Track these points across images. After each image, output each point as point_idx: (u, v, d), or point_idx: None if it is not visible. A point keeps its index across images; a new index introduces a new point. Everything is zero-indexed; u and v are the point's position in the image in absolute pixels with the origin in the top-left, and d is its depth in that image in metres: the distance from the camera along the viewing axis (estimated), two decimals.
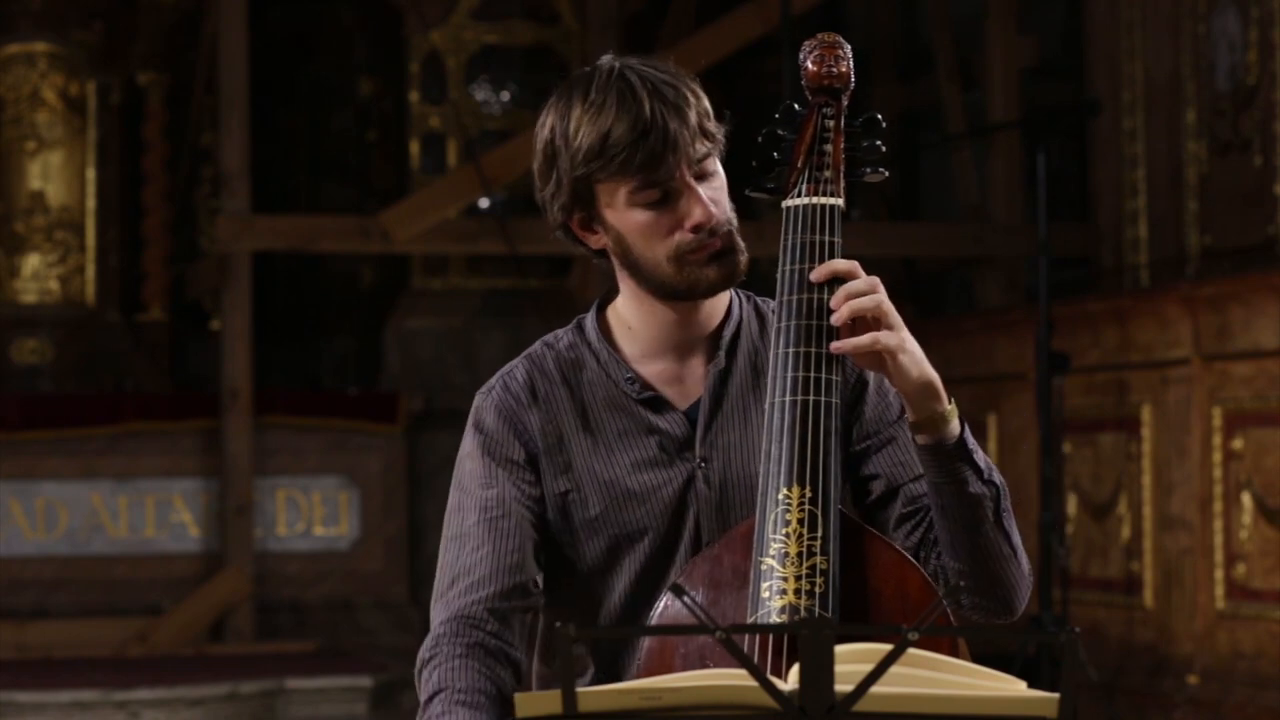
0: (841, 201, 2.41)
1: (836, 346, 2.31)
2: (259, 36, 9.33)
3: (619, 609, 2.46)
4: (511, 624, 2.41)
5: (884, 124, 2.47)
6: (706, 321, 2.49)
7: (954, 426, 2.34)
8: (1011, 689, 1.86)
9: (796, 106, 2.47)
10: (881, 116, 2.47)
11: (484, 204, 9.41)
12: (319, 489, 9.01)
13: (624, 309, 2.51)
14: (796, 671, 1.84)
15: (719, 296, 2.48)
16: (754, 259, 2.46)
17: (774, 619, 2.21)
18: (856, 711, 1.81)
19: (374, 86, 10.80)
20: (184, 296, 10.38)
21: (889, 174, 2.49)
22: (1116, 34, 8.09)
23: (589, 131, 2.37)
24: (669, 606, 2.31)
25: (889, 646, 1.82)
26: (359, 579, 9.01)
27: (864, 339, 2.29)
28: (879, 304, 2.29)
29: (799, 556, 2.24)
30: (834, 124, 2.44)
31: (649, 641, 2.29)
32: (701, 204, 2.39)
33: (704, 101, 2.41)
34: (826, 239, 2.37)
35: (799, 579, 2.23)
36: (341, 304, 10.94)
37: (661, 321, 2.48)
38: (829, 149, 2.42)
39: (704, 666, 2.21)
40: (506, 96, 10.08)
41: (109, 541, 8.74)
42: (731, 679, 1.85)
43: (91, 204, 10.12)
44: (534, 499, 2.46)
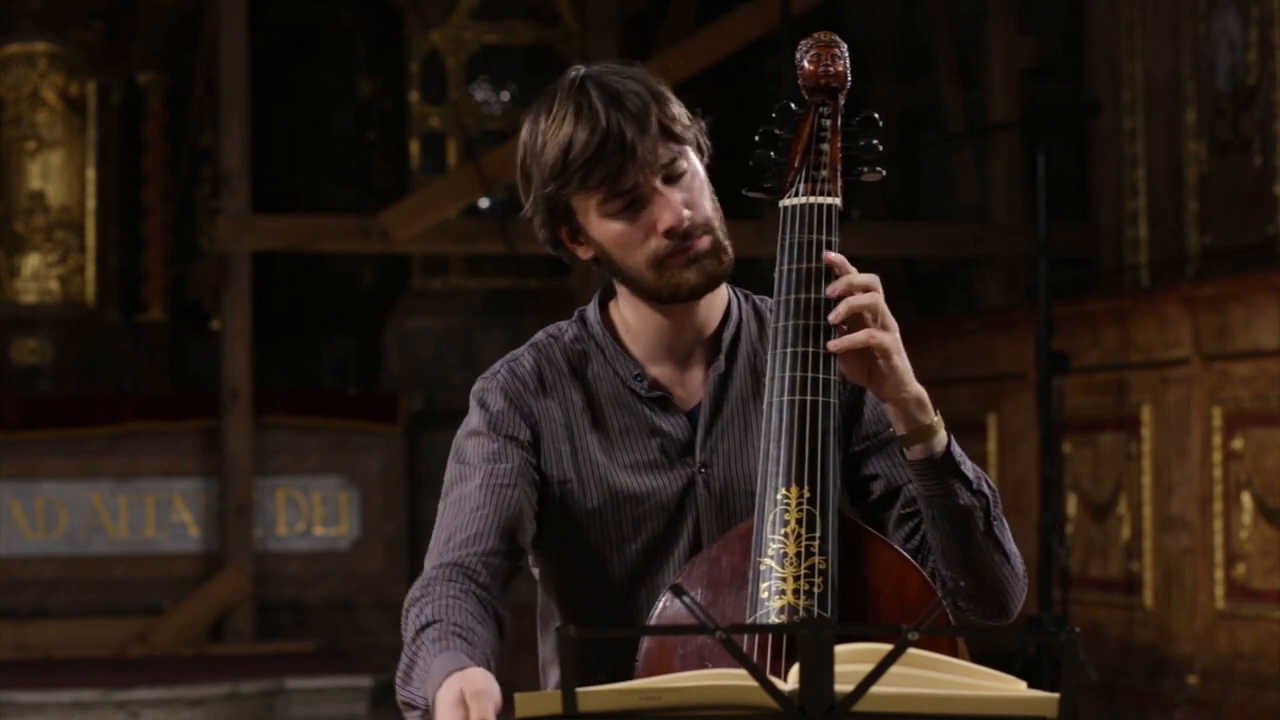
0: (839, 201, 2.40)
1: (834, 345, 2.31)
2: (259, 36, 9.33)
3: (617, 609, 2.45)
4: (500, 580, 2.37)
5: (881, 123, 2.46)
6: (704, 324, 2.49)
7: (941, 437, 2.34)
8: (1011, 689, 1.86)
9: (793, 106, 2.47)
10: (879, 116, 2.47)
11: (484, 204, 9.42)
12: (319, 489, 9.01)
13: (625, 311, 2.50)
14: (796, 671, 1.84)
15: (716, 297, 2.48)
16: (754, 259, 2.45)
17: (773, 619, 2.21)
18: (856, 711, 1.81)
19: (374, 86, 10.80)
20: (184, 296, 10.38)
21: (887, 173, 2.48)
22: (1116, 34, 8.08)
23: (551, 147, 2.37)
24: (669, 606, 2.31)
25: (889, 646, 1.82)
26: (359, 579, 9.01)
27: (859, 335, 2.29)
28: (876, 302, 2.29)
29: (797, 557, 2.24)
30: (830, 123, 2.43)
31: (648, 642, 2.29)
32: (670, 207, 2.38)
33: (670, 105, 2.40)
34: (824, 238, 2.37)
35: (798, 579, 2.23)
36: (341, 304, 10.94)
37: (659, 326, 2.47)
38: (826, 148, 2.42)
39: (703, 667, 2.21)
40: (506, 96, 10.08)
41: (109, 541, 8.74)
42: (731, 679, 1.85)
43: (91, 204, 10.13)
44: (535, 481, 2.44)
